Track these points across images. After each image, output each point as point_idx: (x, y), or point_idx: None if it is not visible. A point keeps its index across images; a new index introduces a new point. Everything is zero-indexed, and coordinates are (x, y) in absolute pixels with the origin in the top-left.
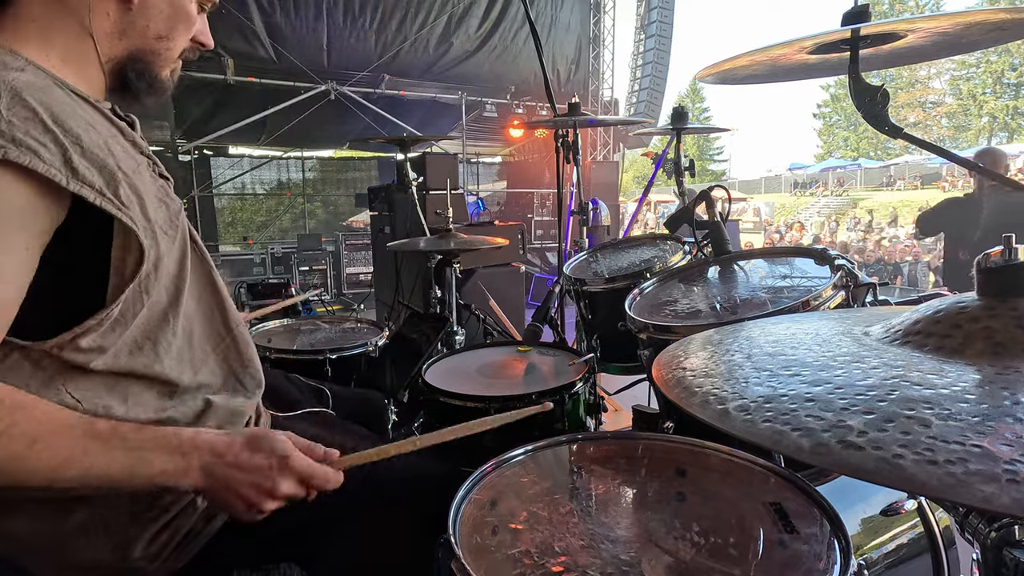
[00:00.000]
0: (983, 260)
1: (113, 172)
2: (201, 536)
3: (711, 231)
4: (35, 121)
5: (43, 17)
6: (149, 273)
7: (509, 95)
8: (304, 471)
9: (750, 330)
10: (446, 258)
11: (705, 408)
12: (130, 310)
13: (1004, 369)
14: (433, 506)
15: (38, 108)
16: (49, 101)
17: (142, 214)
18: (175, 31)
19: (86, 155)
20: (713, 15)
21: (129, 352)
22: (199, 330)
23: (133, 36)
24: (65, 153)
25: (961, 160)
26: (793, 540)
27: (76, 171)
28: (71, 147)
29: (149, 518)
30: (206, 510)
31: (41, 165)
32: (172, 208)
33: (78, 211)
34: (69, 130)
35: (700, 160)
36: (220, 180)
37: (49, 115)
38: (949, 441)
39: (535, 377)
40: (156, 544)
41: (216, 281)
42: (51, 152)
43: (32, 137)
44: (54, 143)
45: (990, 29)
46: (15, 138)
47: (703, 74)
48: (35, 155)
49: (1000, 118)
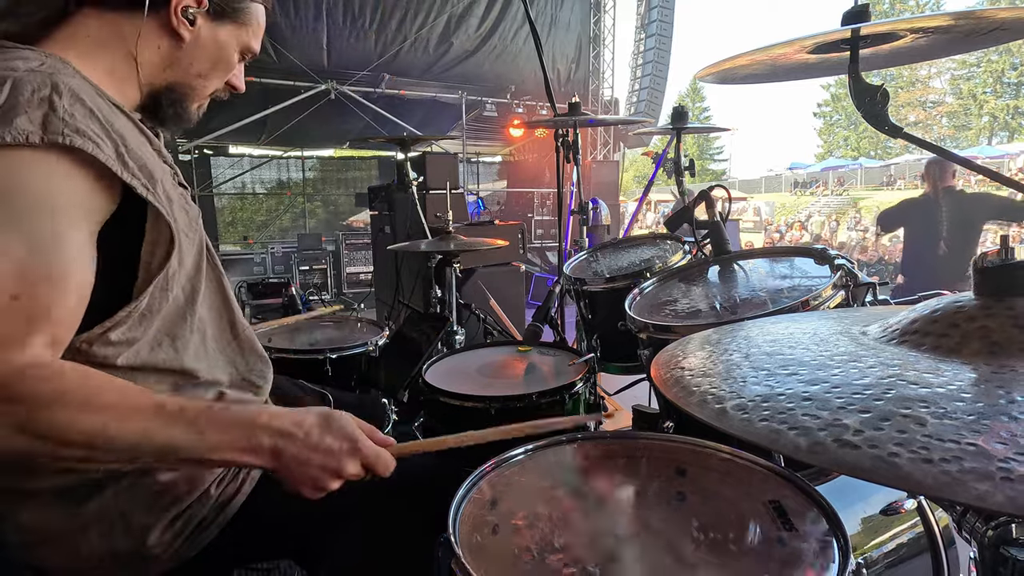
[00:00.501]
0: (980, 260)
1: (152, 171)
2: (213, 526)
3: (711, 231)
4: (92, 118)
5: (96, 35)
6: (175, 272)
7: (509, 94)
8: (370, 456)
9: (749, 330)
10: (446, 258)
11: (703, 407)
12: (156, 305)
13: (1000, 368)
14: (433, 505)
15: (93, 107)
16: (98, 103)
17: (171, 212)
18: (214, 73)
19: (131, 153)
20: (713, 15)
21: (150, 348)
22: (211, 332)
23: (176, 70)
24: (117, 148)
25: (961, 160)
26: (792, 538)
27: (127, 164)
28: (120, 144)
29: (164, 506)
30: (219, 500)
31: (102, 155)
32: (191, 214)
33: (122, 205)
34: (116, 129)
35: (700, 160)
36: (220, 179)
37: (101, 114)
38: (944, 439)
39: (535, 377)
40: (170, 532)
41: (226, 287)
42: (107, 145)
43: (92, 130)
44: (108, 138)
45: (990, 28)
46: (79, 129)
47: (703, 73)
48: (96, 146)
49: (1000, 117)
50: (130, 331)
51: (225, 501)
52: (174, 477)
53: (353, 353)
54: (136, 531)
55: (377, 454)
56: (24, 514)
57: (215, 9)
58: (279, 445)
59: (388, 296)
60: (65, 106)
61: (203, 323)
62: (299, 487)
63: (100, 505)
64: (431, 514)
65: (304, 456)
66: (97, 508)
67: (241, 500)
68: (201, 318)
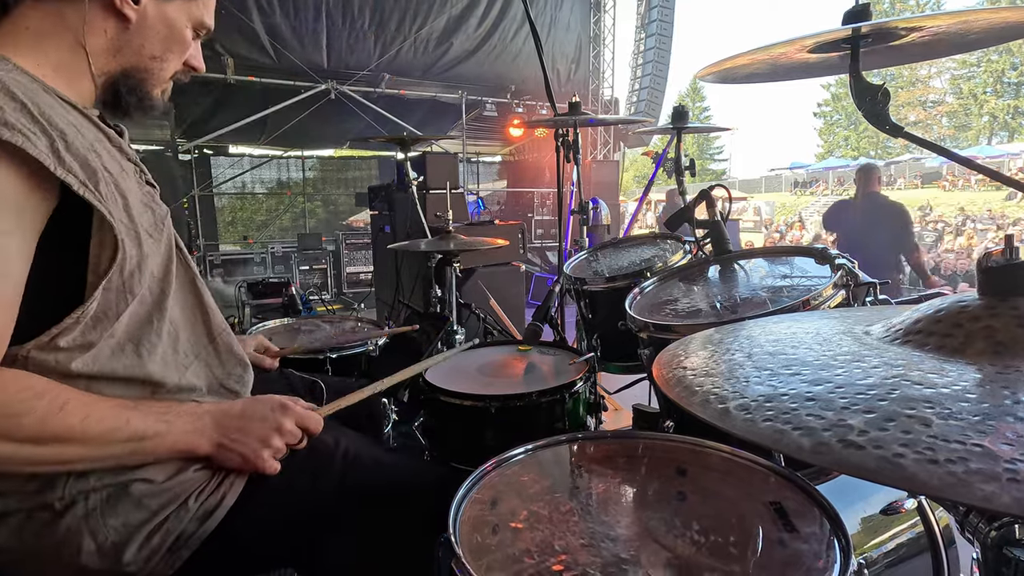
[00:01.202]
0: (984, 259)
1: (95, 169)
2: (193, 539)
3: (711, 230)
4: (24, 111)
5: (38, 27)
6: (132, 272)
7: (509, 94)
8: (300, 413)
9: (750, 329)
10: (446, 257)
11: (705, 407)
12: (112, 308)
13: (1005, 368)
14: (433, 506)
15: (26, 101)
16: (36, 98)
17: (125, 213)
18: (169, 53)
19: (70, 149)
20: (713, 15)
21: (111, 353)
22: (184, 335)
23: (128, 54)
24: (52, 143)
25: (962, 159)
26: (793, 539)
27: (63, 160)
28: (57, 139)
29: (139, 522)
30: (198, 513)
31: (33, 148)
32: (158, 213)
33: (62, 205)
34: (54, 124)
35: (700, 159)
36: (220, 179)
37: (36, 109)
38: (950, 440)
39: (535, 376)
40: (147, 548)
41: (200, 289)
42: (40, 140)
43: (23, 124)
44: (42, 132)
45: (991, 28)
46: (7, 122)
47: (703, 73)
48: (27, 139)
49: (1000, 117)
50: (83, 336)
51: (205, 514)
52: (149, 490)
53: (353, 353)
54: (110, 549)
55: (306, 413)
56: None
57: None
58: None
59: (388, 296)
60: None
61: (175, 326)
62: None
63: (72, 523)
64: (431, 514)
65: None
66: (69, 526)
67: (223, 513)
68: (173, 321)
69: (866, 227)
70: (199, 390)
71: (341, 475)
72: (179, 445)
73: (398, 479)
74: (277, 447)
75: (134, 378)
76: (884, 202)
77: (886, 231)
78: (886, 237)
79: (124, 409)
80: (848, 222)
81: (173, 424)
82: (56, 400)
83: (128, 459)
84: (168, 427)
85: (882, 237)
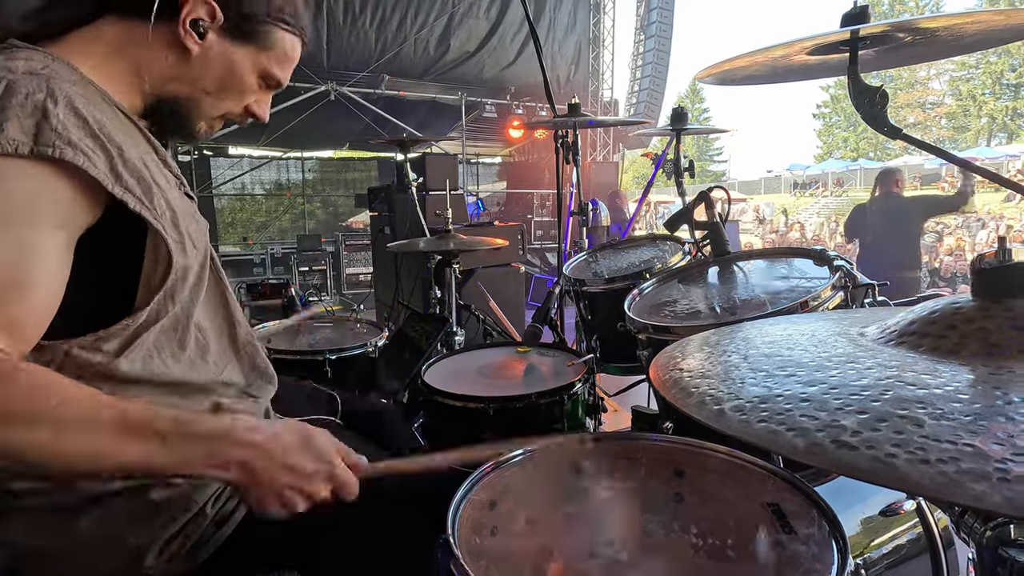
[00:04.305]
0: (978, 261)
1: (149, 184)
2: (210, 543)
3: (710, 232)
4: (86, 129)
5: (111, 41)
6: (176, 282)
7: (509, 95)
8: (342, 481)
9: (747, 331)
10: (446, 258)
11: (701, 408)
12: (155, 317)
13: (998, 369)
14: (432, 507)
15: (88, 117)
16: (97, 113)
17: (173, 225)
18: (225, 93)
19: (127, 165)
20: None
21: (143, 359)
22: (211, 344)
23: (182, 84)
24: (111, 160)
25: (960, 161)
26: (791, 541)
27: (120, 177)
28: (116, 155)
29: (159, 526)
30: (216, 518)
31: (93, 168)
32: (200, 225)
33: (112, 216)
34: (113, 140)
35: (700, 161)
36: (220, 180)
37: (97, 125)
38: (941, 440)
39: (534, 378)
40: (168, 552)
41: (230, 301)
42: (99, 159)
43: (84, 143)
44: (102, 150)
45: (989, 30)
46: (71, 141)
47: (703, 75)
48: (88, 159)
49: (999, 119)
50: (125, 343)
51: (223, 519)
52: (169, 495)
53: (353, 354)
54: (132, 552)
55: (348, 479)
56: (16, 532)
57: (232, 26)
58: (250, 459)
59: (388, 297)
60: (59, 115)
61: (203, 334)
62: (264, 504)
63: (94, 524)
64: (430, 515)
65: (275, 473)
66: (90, 527)
67: (239, 517)
68: (201, 328)
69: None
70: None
71: None
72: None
73: (397, 481)
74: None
75: (166, 382)
76: (900, 201)
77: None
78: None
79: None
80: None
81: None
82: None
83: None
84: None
85: (902, 235)
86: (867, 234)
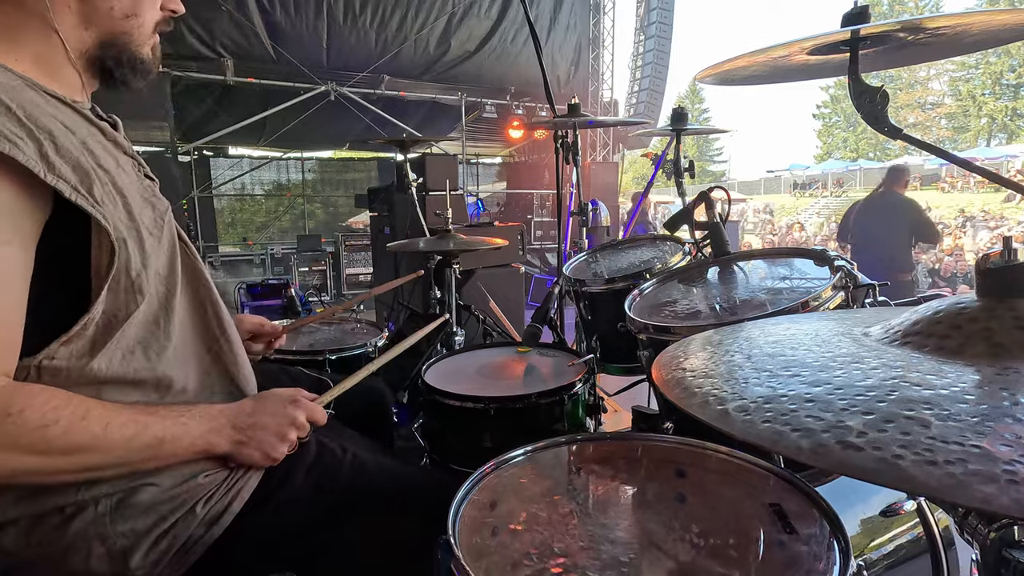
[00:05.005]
0: (983, 261)
1: (87, 170)
2: (199, 544)
3: (711, 232)
4: (9, 115)
5: (6, 21)
6: (140, 272)
7: (509, 96)
8: (309, 406)
9: (750, 331)
10: (446, 259)
11: (705, 409)
12: (122, 311)
13: (1003, 370)
14: (433, 508)
15: (11, 104)
16: (20, 99)
17: (124, 211)
18: (141, 5)
19: (60, 151)
20: (713, 15)
21: (123, 357)
22: (192, 331)
23: (99, 21)
24: (40, 147)
25: (960, 161)
26: (792, 541)
27: (52, 165)
28: (46, 142)
29: (147, 527)
30: (205, 519)
31: (21, 155)
32: (159, 208)
33: (60, 211)
34: (42, 126)
35: (700, 161)
36: (220, 181)
37: (22, 111)
38: (948, 441)
39: (534, 378)
40: (155, 552)
41: (208, 280)
42: (28, 146)
43: (8, 129)
44: (29, 136)
45: (989, 30)
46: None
47: (703, 75)
48: (14, 145)
49: (999, 119)
50: (94, 341)
51: (213, 519)
52: (157, 495)
53: (353, 354)
54: (118, 554)
55: (314, 406)
56: (2, 538)
57: None
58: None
59: (388, 297)
60: None
61: (183, 323)
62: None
63: (81, 528)
64: (431, 516)
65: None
66: (78, 531)
67: (230, 519)
68: (181, 320)
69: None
70: (210, 388)
71: (348, 483)
72: (197, 445)
73: (399, 482)
74: (292, 440)
75: (146, 380)
76: (897, 200)
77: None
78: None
79: (142, 414)
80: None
81: (189, 426)
82: (78, 410)
83: (147, 463)
84: (185, 429)
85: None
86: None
